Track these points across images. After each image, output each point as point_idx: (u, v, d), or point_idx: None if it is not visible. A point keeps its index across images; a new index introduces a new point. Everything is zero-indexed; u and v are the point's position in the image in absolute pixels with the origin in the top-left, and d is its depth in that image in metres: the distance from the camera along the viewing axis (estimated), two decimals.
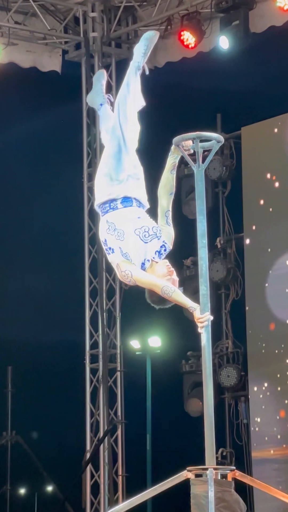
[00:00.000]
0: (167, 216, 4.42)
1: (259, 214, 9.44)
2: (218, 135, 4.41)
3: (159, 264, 4.34)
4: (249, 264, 9.50)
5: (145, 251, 4.34)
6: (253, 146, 9.60)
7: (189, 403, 9.58)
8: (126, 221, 4.34)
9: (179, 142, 4.35)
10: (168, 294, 4.19)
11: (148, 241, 4.33)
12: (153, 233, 4.36)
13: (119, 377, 9.91)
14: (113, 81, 10.41)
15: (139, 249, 4.31)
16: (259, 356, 9.20)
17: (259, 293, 9.29)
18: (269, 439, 8.93)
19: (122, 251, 4.30)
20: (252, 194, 9.54)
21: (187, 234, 4.97)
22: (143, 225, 4.35)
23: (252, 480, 4.40)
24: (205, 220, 4.30)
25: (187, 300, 4.21)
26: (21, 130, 11.74)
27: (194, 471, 4.05)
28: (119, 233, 4.32)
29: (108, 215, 4.37)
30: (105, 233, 4.36)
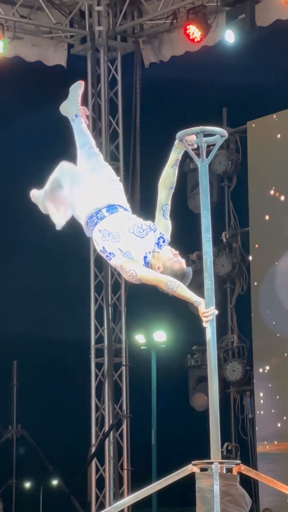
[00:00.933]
0: (164, 210, 4.44)
1: (264, 208, 9.42)
2: (222, 129, 4.39)
3: (162, 250, 4.36)
4: (255, 258, 9.49)
5: (144, 246, 4.37)
6: (258, 140, 9.58)
7: (194, 397, 9.58)
8: (118, 224, 4.41)
9: (183, 137, 4.33)
10: (173, 289, 4.20)
11: (144, 235, 4.37)
12: (147, 227, 4.41)
13: (124, 371, 9.92)
14: (119, 75, 10.40)
15: (137, 245, 4.35)
16: (265, 350, 9.19)
17: (265, 287, 9.28)
18: (274, 433, 8.93)
19: (122, 251, 4.34)
20: (257, 189, 9.52)
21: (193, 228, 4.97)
22: (134, 223, 4.42)
23: (257, 474, 4.40)
24: (209, 215, 4.30)
25: (192, 294, 4.21)
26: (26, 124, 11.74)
27: (199, 465, 4.05)
28: (114, 236, 4.37)
29: (98, 225, 4.43)
30: (101, 241, 4.40)
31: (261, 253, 9.44)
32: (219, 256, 9.62)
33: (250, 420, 9.26)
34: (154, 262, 4.35)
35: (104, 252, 4.40)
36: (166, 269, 4.31)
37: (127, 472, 9.70)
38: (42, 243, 13.35)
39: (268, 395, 9.06)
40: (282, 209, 9.27)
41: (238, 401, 9.45)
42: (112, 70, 10.39)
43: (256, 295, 9.35)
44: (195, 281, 5.09)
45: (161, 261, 4.33)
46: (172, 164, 4.43)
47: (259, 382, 9.17)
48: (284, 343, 9.00)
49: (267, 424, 8.99)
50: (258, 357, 9.24)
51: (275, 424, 8.91)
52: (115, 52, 10.42)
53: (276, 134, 9.42)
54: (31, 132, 11.86)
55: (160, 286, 4.25)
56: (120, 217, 4.44)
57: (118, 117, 10.33)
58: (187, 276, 4.32)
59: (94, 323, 10.05)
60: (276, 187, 9.34)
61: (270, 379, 9.11)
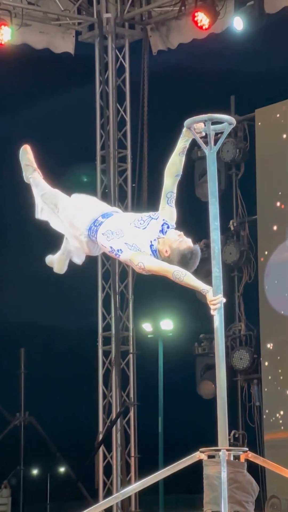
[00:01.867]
0: (169, 198, 4.44)
1: (272, 196, 9.40)
2: (230, 117, 4.38)
3: (167, 234, 4.38)
4: (262, 246, 9.47)
5: (147, 235, 4.39)
6: (267, 128, 9.55)
7: (202, 385, 9.60)
8: (118, 222, 4.47)
9: (191, 125, 4.32)
10: (180, 278, 4.21)
11: (145, 226, 4.41)
12: (147, 218, 4.44)
13: (132, 359, 9.94)
14: (126, 63, 10.37)
15: (141, 236, 4.38)
16: (272, 339, 9.19)
17: (272, 275, 9.27)
18: (282, 421, 8.94)
19: (129, 244, 4.36)
20: (265, 177, 9.50)
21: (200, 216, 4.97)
22: (134, 217, 4.46)
23: (264, 461, 4.41)
24: (217, 203, 4.29)
25: (199, 282, 4.21)
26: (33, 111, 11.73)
27: (207, 452, 4.06)
28: (117, 233, 4.41)
29: (100, 230, 4.48)
30: (107, 242, 4.43)
31: (268, 242, 9.42)
32: (226, 244, 9.61)
33: (257, 408, 9.27)
34: (161, 247, 4.37)
35: (113, 251, 4.42)
36: (174, 251, 4.32)
37: (134, 459, 9.73)
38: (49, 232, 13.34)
39: (276, 382, 9.07)
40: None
41: (246, 389, 9.47)
42: (120, 57, 10.36)
43: (264, 283, 9.34)
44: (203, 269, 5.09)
45: (167, 244, 4.34)
46: (179, 152, 4.43)
47: (266, 370, 9.18)
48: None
49: (275, 411, 9.00)
50: (266, 345, 9.24)
51: (283, 412, 8.92)
52: (123, 39, 10.38)
53: (284, 122, 9.38)
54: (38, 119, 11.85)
55: (167, 276, 4.26)
56: (118, 217, 4.52)
57: (125, 104, 10.30)
58: (195, 254, 4.33)
59: (101, 311, 10.06)
60: (284, 175, 9.31)
61: (277, 367, 9.11)
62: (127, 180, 10.23)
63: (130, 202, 10.19)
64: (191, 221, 4.83)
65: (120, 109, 10.29)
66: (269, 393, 9.09)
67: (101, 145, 10.29)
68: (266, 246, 9.43)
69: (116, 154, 10.20)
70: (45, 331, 13.06)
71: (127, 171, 10.23)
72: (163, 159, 4.57)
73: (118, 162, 10.23)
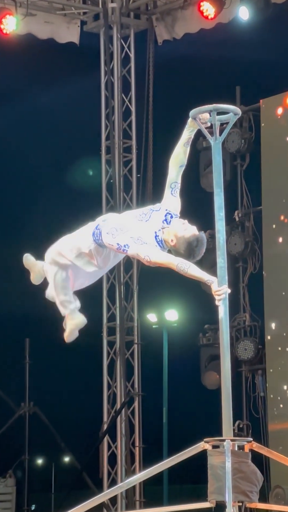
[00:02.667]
0: (173, 188, 4.44)
1: (277, 187, 9.38)
2: (235, 107, 4.37)
3: (171, 223, 4.38)
4: (267, 237, 9.46)
5: (151, 227, 4.40)
6: (272, 118, 9.52)
7: (206, 376, 9.61)
8: (121, 219, 4.48)
9: (196, 115, 4.31)
10: (184, 270, 4.21)
11: (148, 219, 4.41)
12: (148, 211, 4.44)
13: (136, 349, 9.96)
14: (132, 53, 10.34)
15: (145, 229, 4.39)
16: (277, 329, 9.20)
17: (277, 266, 9.27)
18: (286, 411, 8.95)
19: (134, 238, 4.36)
20: (270, 167, 9.47)
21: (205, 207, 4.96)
22: (136, 213, 4.47)
23: (269, 452, 4.42)
24: (222, 193, 4.29)
25: (204, 273, 4.21)
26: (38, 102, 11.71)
27: (212, 442, 4.07)
28: (121, 229, 4.41)
29: (104, 230, 4.46)
30: (113, 239, 4.42)
31: (273, 232, 9.40)
32: (231, 235, 9.60)
33: (261, 398, 9.28)
34: (166, 237, 4.37)
35: (120, 247, 4.41)
36: (179, 240, 4.32)
37: (138, 449, 9.76)
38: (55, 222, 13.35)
39: (280, 373, 9.08)
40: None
41: (250, 379, 9.47)
42: (125, 47, 10.33)
43: (269, 274, 9.33)
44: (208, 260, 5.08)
45: (172, 233, 4.35)
46: (184, 143, 4.42)
47: (271, 361, 9.18)
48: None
49: (279, 402, 9.01)
50: (270, 336, 9.25)
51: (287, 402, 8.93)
52: (128, 29, 10.35)
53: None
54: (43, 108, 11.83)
55: (172, 268, 4.27)
56: (120, 215, 4.53)
57: (131, 95, 10.29)
58: (201, 241, 4.33)
59: (106, 302, 10.08)
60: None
61: (282, 357, 9.11)
62: (132, 170, 10.22)
63: (135, 192, 10.18)
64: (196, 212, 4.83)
65: (125, 99, 10.27)
66: (273, 384, 9.10)
67: (106, 136, 10.28)
68: (271, 237, 9.42)
69: (121, 144, 10.19)
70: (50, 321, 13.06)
71: (132, 162, 10.22)
72: (168, 149, 4.57)
73: (123, 153, 10.22)
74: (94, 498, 4.35)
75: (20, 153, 11.72)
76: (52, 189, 12.88)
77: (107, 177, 10.24)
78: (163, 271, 4.47)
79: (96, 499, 4.35)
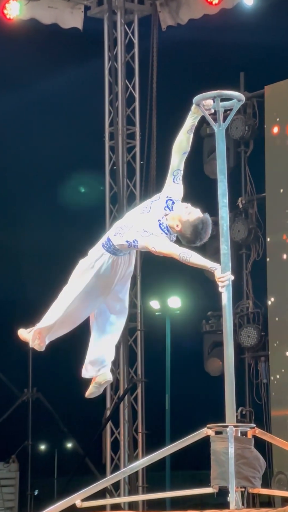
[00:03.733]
0: (175, 176, 4.43)
1: (281, 174, 9.35)
2: (239, 93, 4.36)
3: (174, 208, 4.38)
4: (271, 224, 9.45)
5: (154, 216, 4.40)
6: (276, 105, 9.48)
7: (209, 362, 9.63)
8: (125, 218, 4.49)
9: (200, 101, 4.30)
10: (187, 260, 4.22)
11: (149, 210, 4.43)
12: (149, 203, 4.46)
13: (139, 336, 9.97)
14: (135, 39, 10.29)
15: (148, 219, 4.40)
16: (280, 316, 9.20)
17: (280, 253, 9.26)
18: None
19: (140, 231, 4.38)
20: (274, 154, 9.45)
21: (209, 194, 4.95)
22: (138, 209, 4.48)
23: (271, 438, 4.43)
24: (226, 180, 4.28)
25: (207, 261, 4.22)
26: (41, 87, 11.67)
27: (214, 429, 4.09)
28: (126, 226, 4.42)
29: (111, 233, 4.47)
30: (122, 238, 4.43)
31: (277, 220, 9.39)
32: (235, 221, 9.59)
33: (264, 385, 9.30)
34: (171, 223, 4.37)
35: (130, 244, 4.43)
36: (185, 224, 4.32)
37: (141, 435, 9.79)
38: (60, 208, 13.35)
39: (283, 360, 9.09)
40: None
41: (253, 366, 9.49)
42: (129, 33, 10.28)
43: (272, 261, 9.32)
44: (211, 247, 5.08)
45: (176, 219, 4.35)
46: (188, 130, 4.40)
47: (274, 347, 9.19)
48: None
49: (282, 388, 9.02)
50: (273, 323, 9.25)
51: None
52: (132, 14, 10.30)
53: None
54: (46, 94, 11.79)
55: (175, 258, 4.27)
56: (124, 216, 4.53)
57: (134, 81, 10.25)
58: (206, 223, 4.33)
59: None
60: None
61: (285, 344, 9.12)
62: (136, 157, 10.20)
63: (138, 179, 10.16)
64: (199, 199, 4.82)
65: (129, 86, 10.23)
66: (276, 371, 9.11)
67: (110, 122, 10.25)
68: (275, 224, 9.40)
69: (124, 131, 10.16)
70: None
71: (136, 148, 10.19)
72: (172, 136, 4.55)
73: (126, 139, 10.19)
74: (97, 483, 4.37)
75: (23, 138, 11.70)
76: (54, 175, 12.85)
77: (110, 164, 10.22)
78: (166, 259, 4.48)
79: (99, 484, 4.38)
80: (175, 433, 13.13)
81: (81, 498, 4.28)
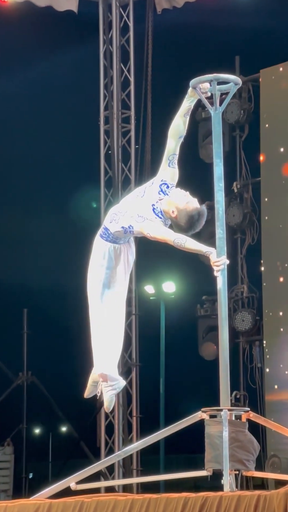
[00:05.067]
0: (171, 160, 4.41)
1: (276, 158, 9.34)
2: (236, 77, 4.35)
3: (171, 194, 4.37)
4: (266, 209, 9.45)
5: (147, 201, 4.39)
6: (271, 89, 9.45)
7: (204, 347, 9.65)
8: (119, 205, 4.48)
9: (196, 85, 4.29)
10: (182, 245, 4.22)
11: (143, 194, 4.42)
12: (143, 188, 4.45)
13: (134, 320, 9.98)
14: (131, 22, 10.23)
15: (142, 204, 4.39)
16: (274, 301, 9.22)
17: (275, 238, 9.26)
18: (283, 382, 9.00)
19: (135, 216, 4.37)
20: (270, 138, 9.43)
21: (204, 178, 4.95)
22: (133, 194, 4.48)
23: (265, 421, 4.45)
24: (222, 164, 4.27)
25: (202, 246, 4.21)
26: (36, 70, 11.61)
27: (209, 412, 4.10)
28: (120, 212, 4.43)
29: (106, 221, 4.49)
30: (117, 225, 4.44)
31: (272, 204, 9.39)
32: (230, 206, 9.58)
33: (259, 369, 9.34)
34: (166, 207, 4.36)
35: (126, 230, 4.42)
36: (181, 212, 4.31)
37: (136, 419, 9.83)
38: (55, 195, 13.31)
39: (278, 344, 9.12)
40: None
41: (247, 350, 9.52)
42: (124, 16, 10.22)
43: (267, 245, 9.33)
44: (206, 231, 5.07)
45: (173, 205, 4.33)
46: (184, 113, 4.39)
47: (268, 332, 9.22)
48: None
49: (276, 372, 9.06)
50: (268, 307, 9.27)
51: (283, 373, 8.98)
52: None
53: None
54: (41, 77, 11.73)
55: (169, 243, 4.27)
56: (120, 202, 4.53)
57: (129, 64, 10.20)
58: (202, 215, 4.32)
59: None
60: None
61: (279, 328, 9.15)
62: (131, 141, 10.17)
63: (133, 163, 10.13)
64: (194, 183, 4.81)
65: (124, 69, 10.19)
66: (270, 354, 9.14)
67: (105, 106, 10.21)
68: (270, 208, 9.40)
69: (119, 115, 10.12)
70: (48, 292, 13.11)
71: (131, 132, 10.16)
72: (167, 120, 4.54)
73: (121, 123, 10.16)
74: (92, 466, 4.40)
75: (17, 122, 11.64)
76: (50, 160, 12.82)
77: (105, 148, 10.19)
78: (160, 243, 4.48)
79: (94, 467, 4.40)
80: (169, 417, 13.19)
81: (75, 481, 4.30)
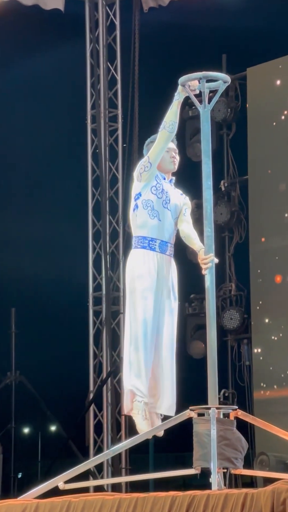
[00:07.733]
0: None
1: (264, 156, 9.36)
2: (225, 75, 4.39)
3: None
4: (253, 207, 9.47)
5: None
6: (258, 87, 9.47)
7: (192, 345, 9.66)
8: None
9: (185, 82, 4.30)
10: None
11: None
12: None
13: (122, 319, 9.98)
14: (117, 20, 10.23)
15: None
16: (262, 299, 9.24)
17: (263, 236, 9.29)
18: (272, 379, 9.03)
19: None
20: (257, 136, 9.45)
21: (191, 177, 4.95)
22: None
23: (254, 419, 4.46)
24: (210, 162, 4.29)
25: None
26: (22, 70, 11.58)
27: (197, 410, 4.11)
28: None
29: (132, 231, 4.77)
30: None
31: (259, 202, 9.42)
32: (217, 204, 9.59)
33: (247, 367, 9.36)
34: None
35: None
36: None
37: (124, 418, 9.83)
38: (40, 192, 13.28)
39: (266, 342, 9.15)
40: (282, 156, 9.21)
41: (236, 348, 9.54)
42: (111, 15, 10.21)
43: (254, 243, 9.35)
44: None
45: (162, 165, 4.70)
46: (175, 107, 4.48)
47: (256, 329, 9.25)
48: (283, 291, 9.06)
49: (264, 370, 9.09)
50: (256, 305, 9.30)
51: (273, 370, 9.00)
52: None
53: (276, 81, 9.31)
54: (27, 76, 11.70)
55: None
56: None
57: (116, 63, 10.19)
58: None
59: (92, 272, 10.08)
60: (275, 134, 9.27)
61: (267, 326, 9.17)
62: (118, 140, 10.16)
63: (121, 162, 10.13)
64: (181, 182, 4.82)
65: (111, 68, 10.18)
66: (258, 353, 9.17)
67: (92, 105, 10.20)
68: (257, 207, 9.43)
69: (106, 113, 10.12)
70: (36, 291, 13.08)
71: (118, 131, 10.15)
72: (154, 118, 4.54)
73: (108, 122, 10.15)
74: (80, 465, 4.39)
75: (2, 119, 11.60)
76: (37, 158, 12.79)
77: (92, 147, 10.18)
78: None
79: (82, 466, 4.39)
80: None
81: (64, 480, 4.30)
